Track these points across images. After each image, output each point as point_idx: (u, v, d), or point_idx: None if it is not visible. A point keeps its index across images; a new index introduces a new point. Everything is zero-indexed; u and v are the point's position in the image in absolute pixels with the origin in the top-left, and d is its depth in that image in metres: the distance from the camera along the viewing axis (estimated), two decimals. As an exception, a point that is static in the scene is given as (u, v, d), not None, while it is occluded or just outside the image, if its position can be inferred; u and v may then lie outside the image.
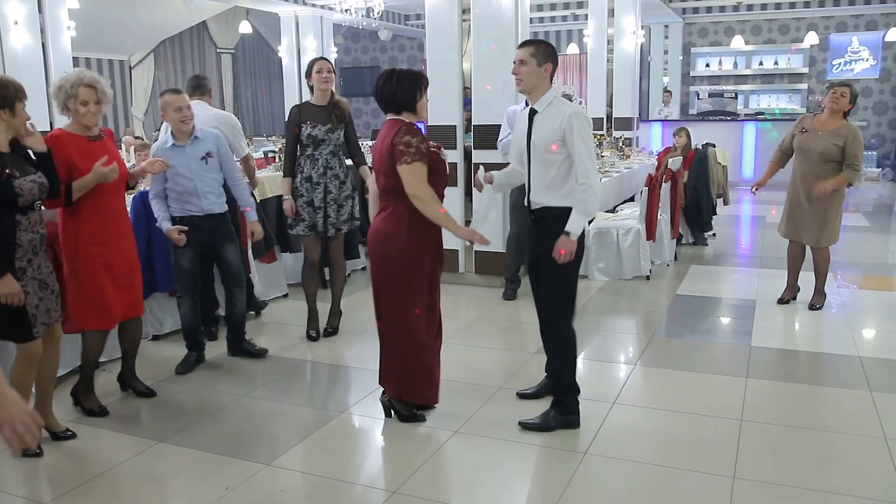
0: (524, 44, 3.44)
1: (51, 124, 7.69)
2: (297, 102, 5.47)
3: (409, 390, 3.58)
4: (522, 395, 3.90)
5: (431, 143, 3.41)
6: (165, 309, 5.03)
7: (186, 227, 4.23)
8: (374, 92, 3.45)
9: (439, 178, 3.38)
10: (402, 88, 3.35)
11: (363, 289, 6.42)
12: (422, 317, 3.45)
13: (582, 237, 3.40)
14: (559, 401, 3.57)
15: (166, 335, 5.06)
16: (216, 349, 4.80)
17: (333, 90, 4.79)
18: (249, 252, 5.48)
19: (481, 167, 3.73)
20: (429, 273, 3.44)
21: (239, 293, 4.57)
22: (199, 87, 5.03)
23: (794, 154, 5.41)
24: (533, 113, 3.44)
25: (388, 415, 3.67)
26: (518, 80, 3.42)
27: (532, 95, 3.43)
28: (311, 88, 4.76)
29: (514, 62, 3.42)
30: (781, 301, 5.65)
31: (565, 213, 3.34)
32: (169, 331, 5.07)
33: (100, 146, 3.66)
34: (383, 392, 3.67)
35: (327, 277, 5.55)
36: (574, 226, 3.30)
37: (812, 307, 5.51)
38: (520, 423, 3.55)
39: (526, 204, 3.53)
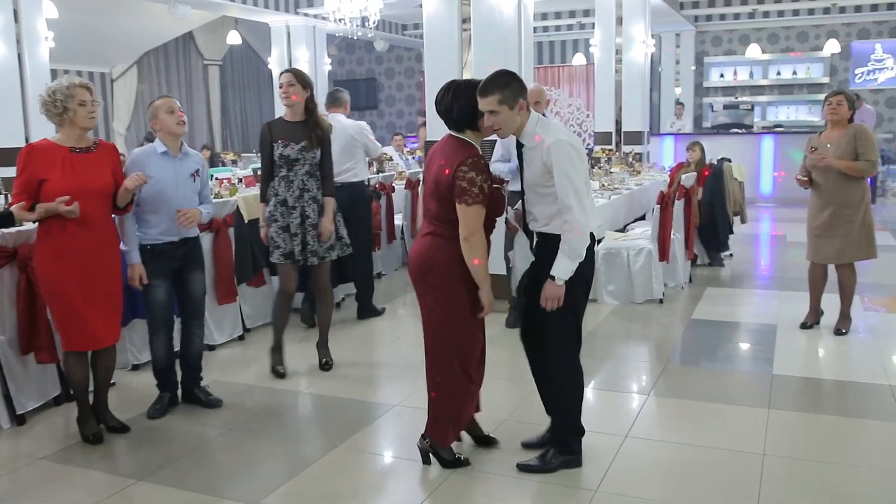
0: (483, 91, 3.19)
1: (26, 139, 7.71)
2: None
3: (444, 430, 3.49)
4: (527, 446, 3.74)
5: (493, 176, 3.36)
6: (147, 336, 4.96)
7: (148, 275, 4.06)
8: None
9: (496, 212, 3.34)
10: (457, 105, 3.24)
11: (356, 314, 6.39)
12: (464, 349, 3.39)
13: (592, 256, 3.35)
14: (560, 440, 3.50)
15: (146, 363, 5.00)
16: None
17: (312, 106, 4.64)
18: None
19: (510, 208, 3.64)
20: (471, 305, 3.36)
21: (198, 328, 4.36)
22: (335, 101, 5.82)
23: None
24: (520, 146, 3.37)
25: (425, 461, 3.54)
26: (496, 131, 3.26)
27: (517, 133, 3.33)
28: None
29: (483, 113, 3.22)
30: (804, 326, 5.62)
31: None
32: (149, 360, 5.00)
33: (86, 159, 3.69)
34: (423, 436, 3.56)
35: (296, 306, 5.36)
36: (560, 270, 3.22)
37: (838, 332, 5.47)
38: (518, 466, 3.49)
39: (525, 228, 3.49)
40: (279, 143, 4.59)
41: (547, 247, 3.34)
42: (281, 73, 4.71)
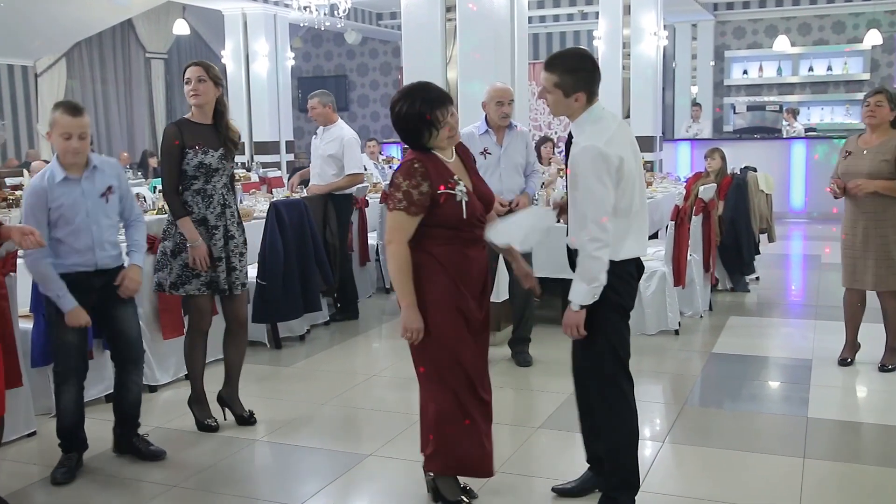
0: (548, 66, 3.36)
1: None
2: (246, 117, 5.41)
3: (440, 459, 3.53)
4: (561, 492, 3.74)
5: (451, 174, 3.41)
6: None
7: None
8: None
9: (454, 219, 3.37)
10: (403, 131, 3.43)
11: (326, 348, 6.38)
12: (455, 369, 3.44)
13: (629, 279, 3.39)
14: (609, 497, 3.49)
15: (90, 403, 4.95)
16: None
17: (223, 107, 4.56)
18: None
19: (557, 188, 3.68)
20: (455, 323, 3.42)
21: (134, 374, 4.25)
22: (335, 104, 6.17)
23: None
24: (570, 138, 3.45)
25: (435, 501, 3.61)
26: (547, 104, 3.46)
27: (570, 118, 3.43)
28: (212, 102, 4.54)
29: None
30: (843, 363, 5.64)
31: None
32: (93, 398, 4.92)
33: None
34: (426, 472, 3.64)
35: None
36: (575, 294, 3.28)
37: (883, 368, 5.51)
38: None
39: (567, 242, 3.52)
40: (195, 149, 4.43)
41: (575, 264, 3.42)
42: (187, 67, 4.56)
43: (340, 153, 6.81)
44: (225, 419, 4.77)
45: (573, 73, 3.31)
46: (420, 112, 3.34)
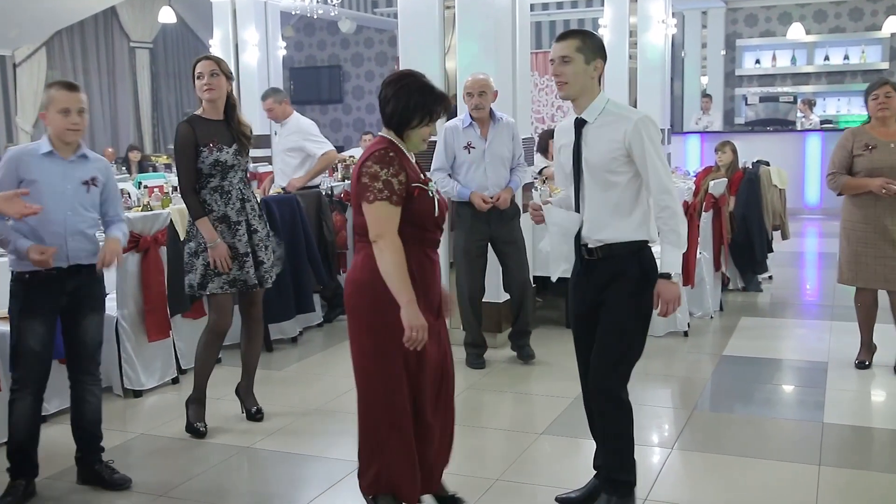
0: (564, 35, 3.45)
1: None
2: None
3: (374, 477, 3.46)
4: (565, 502, 3.76)
5: (419, 171, 3.41)
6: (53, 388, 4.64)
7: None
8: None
9: (424, 217, 3.36)
10: (394, 102, 3.37)
11: (320, 350, 6.39)
12: (397, 381, 3.38)
13: (666, 273, 3.43)
14: (619, 492, 3.53)
15: (55, 415, 4.95)
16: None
17: (234, 101, 4.67)
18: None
19: (536, 189, 3.70)
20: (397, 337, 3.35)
21: (92, 385, 4.08)
22: (286, 96, 6.17)
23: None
24: (581, 123, 3.48)
25: None
26: (560, 84, 3.44)
27: (578, 102, 3.46)
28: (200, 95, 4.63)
29: (552, 60, 3.44)
30: (860, 365, 5.64)
31: (636, 249, 3.43)
32: (55, 411, 4.89)
33: None
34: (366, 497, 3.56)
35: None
36: (673, 263, 3.40)
37: (899, 371, 5.53)
38: None
39: (581, 243, 3.52)
40: (210, 146, 4.52)
41: (613, 262, 3.44)
42: (199, 62, 4.59)
43: (301, 142, 6.92)
44: (204, 421, 4.75)
45: (590, 37, 3.44)
46: (433, 97, 3.36)
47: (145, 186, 7.16)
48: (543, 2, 15.72)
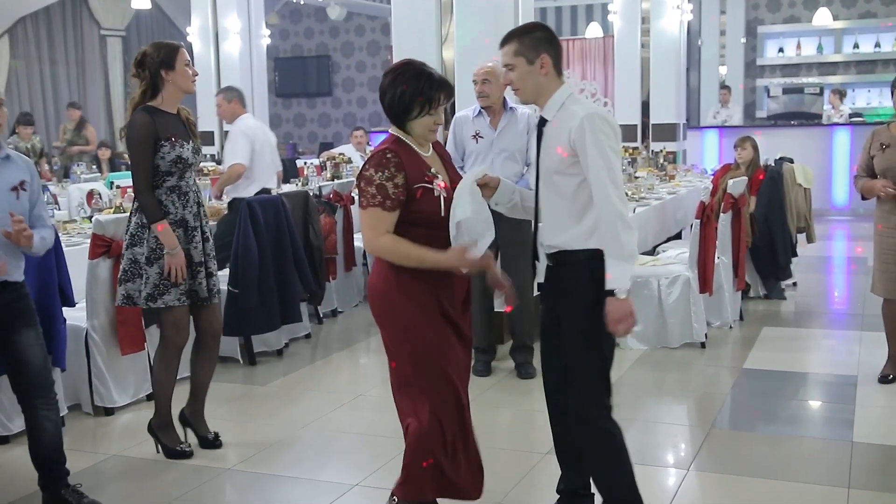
0: (502, 42, 3.47)
1: None
2: (208, 106, 5.46)
3: (406, 486, 3.56)
4: None
5: (426, 169, 3.43)
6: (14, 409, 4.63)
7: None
8: None
9: (431, 218, 3.39)
10: (391, 92, 3.41)
11: (307, 364, 6.40)
12: (437, 392, 3.48)
13: (609, 291, 3.38)
14: None
15: (20, 434, 4.94)
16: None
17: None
18: None
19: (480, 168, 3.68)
20: (437, 340, 3.46)
21: (45, 408, 3.98)
22: (242, 97, 6.17)
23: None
24: (542, 122, 3.49)
25: None
26: (515, 91, 3.50)
27: (539, 102, 3.48)
28: (162, 85, 4.43)
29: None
30: (884, 379, 5.65)
31: (591, 256, 3.38)
32: (18, 431, 4.83)
33: None
34: (391, 496, 3.64)
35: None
36: (618, 279, 3.29)
37: (931, 385, 5.54)
38: None
39: (533, 249, 3.57)
40: (172, 141, 4.43)
41: (565, 271, 3.44)
42: (180, 47, 4.52)
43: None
44: (186, 441, 4.74)
45: (527, 34, 3.44)
46: (419, 87, 3.38)
47: (117, 186, 7.16)
48: (548, -13, 15.77)
